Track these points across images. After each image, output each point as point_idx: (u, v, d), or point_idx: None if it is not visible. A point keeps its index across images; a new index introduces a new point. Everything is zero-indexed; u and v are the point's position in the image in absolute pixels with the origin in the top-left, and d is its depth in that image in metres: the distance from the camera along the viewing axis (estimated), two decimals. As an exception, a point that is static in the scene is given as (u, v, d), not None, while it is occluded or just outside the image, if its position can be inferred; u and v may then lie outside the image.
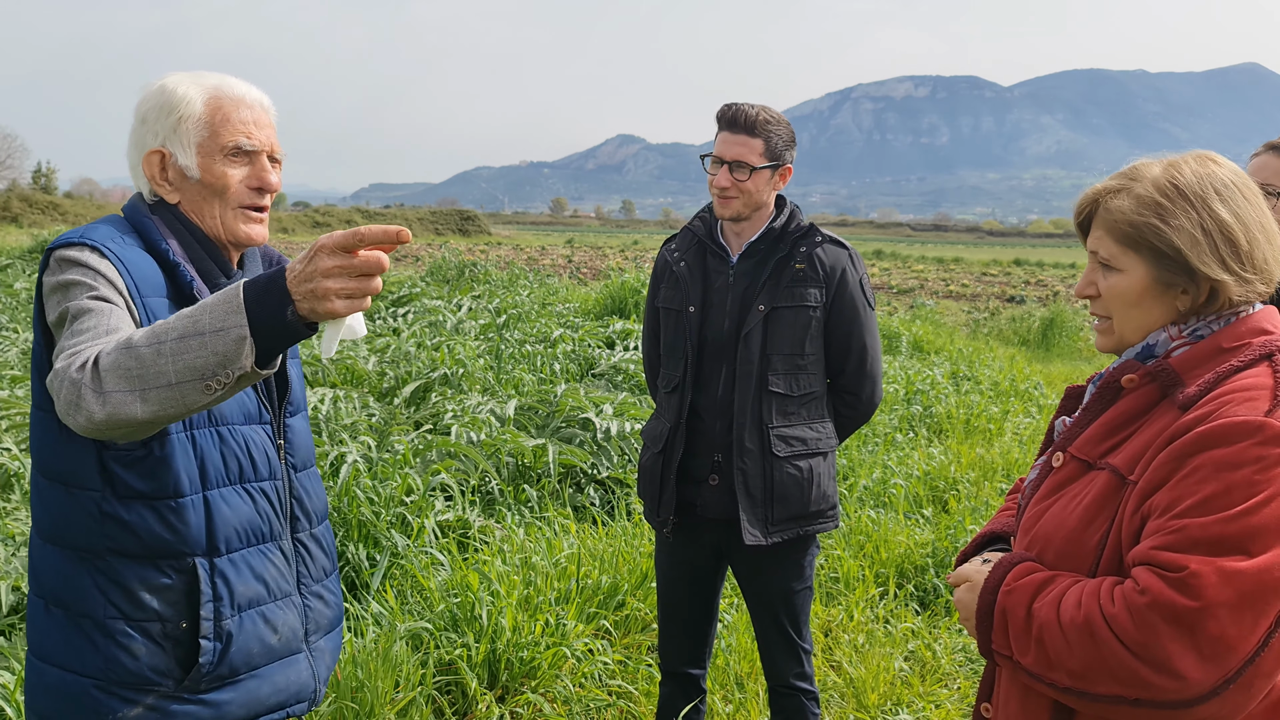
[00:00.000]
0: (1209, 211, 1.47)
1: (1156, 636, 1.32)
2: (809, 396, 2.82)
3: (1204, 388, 1.45)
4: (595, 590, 4.08)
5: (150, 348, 1.43)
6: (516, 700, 3.47)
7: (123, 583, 1.69)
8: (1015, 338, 16.34)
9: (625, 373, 8.07)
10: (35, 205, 48.81)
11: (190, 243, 1.80)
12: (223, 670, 1.75)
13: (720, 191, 2.76)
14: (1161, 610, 1.32)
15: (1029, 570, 1.52)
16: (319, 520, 1.98)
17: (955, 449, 7.30)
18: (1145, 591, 1.34)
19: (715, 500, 2.82)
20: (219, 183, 1.78)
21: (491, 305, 12.30)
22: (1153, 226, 1.48)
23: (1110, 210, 1.52)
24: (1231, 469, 1.35)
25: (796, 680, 2.93)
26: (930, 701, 3.81)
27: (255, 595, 1.79)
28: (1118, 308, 1.55)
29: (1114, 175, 1.57)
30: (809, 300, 2.77)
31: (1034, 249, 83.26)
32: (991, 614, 1.51)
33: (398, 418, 6.37)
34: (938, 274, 36.77)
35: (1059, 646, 1.41)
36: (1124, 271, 1.53)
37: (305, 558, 1.93)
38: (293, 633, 1.87)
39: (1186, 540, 1.34)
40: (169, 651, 1.71)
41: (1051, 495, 1.58)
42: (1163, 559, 1.35)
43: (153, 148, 1.79)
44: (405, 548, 4.21)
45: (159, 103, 1.78)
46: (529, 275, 18.01)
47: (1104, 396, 1.58)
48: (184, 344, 1.42)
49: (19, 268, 16.70)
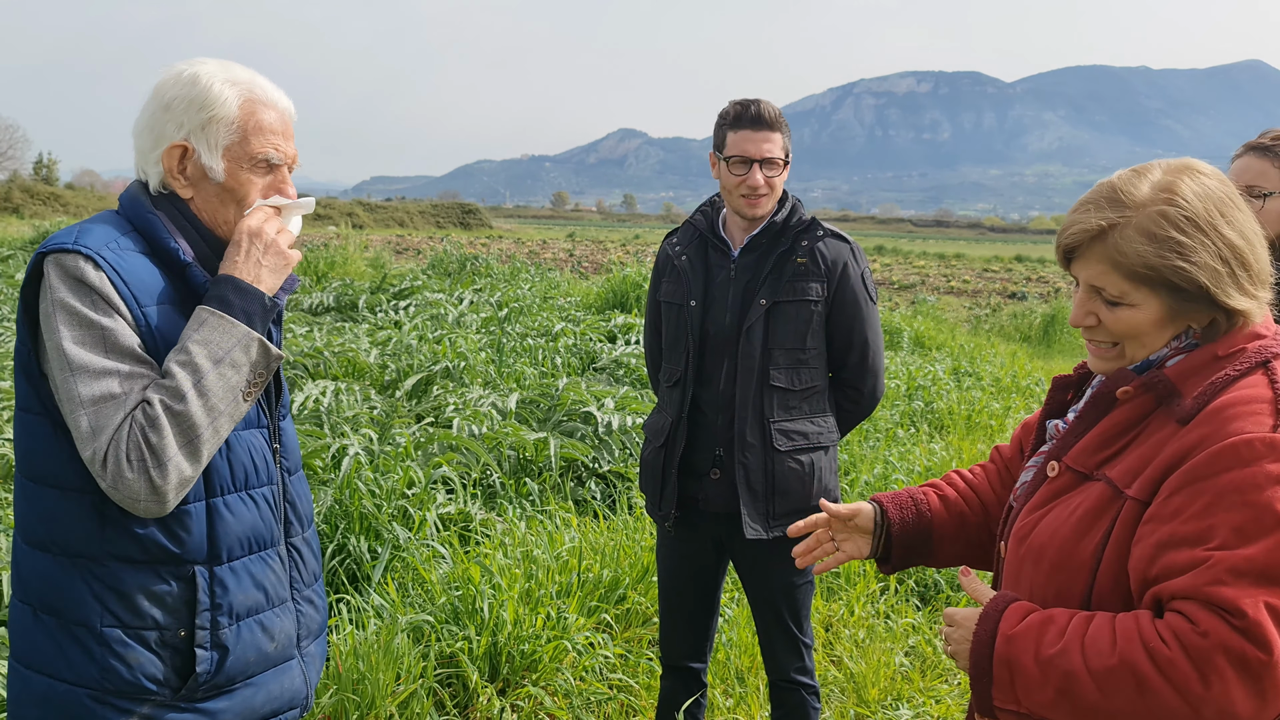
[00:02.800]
0: (1221, 238, 1.42)
1: (1221, 680, 1.29)
2: (811, 391, 2.82)
3: (1201, 401, 1.42)
4: (596, 584, 4.08)
5: (180, 402, 1.57)
6: (518, 693, 3.47)
7: (122, 589, 1.64)
8: (1016, 334, 16.34)
9: (627, 367, 8.08)
10: (37, 196, 48.80)
11: (197, 240, 1.75)
12: (219, 679, 1.72)
13: (752, 191, 2.73)
14: (1230, 655, 1.29)
15: (1025, 611, 1.46)
16: (309, 524, 1.95)
17: (956, 445, 7.30)
18: (1208, 635, 1.30)
19: (717, 494, 2.82)
20: (241, 190, 1.74)
21: (493, 299, 12.30)
22: (1176, 268, 1.42)
23: (1120, 250, 1.44)
24: (1256, 490, 1.33)
25: (797, 675, 2.93)
26: (931, 697, 3.82)
27: (255, 603, 1.76)
28: (1129, 338, 1.51)
29: (1096, 203, 1.48)
30: (810, 294, 2.77)
31: (1035, 245, 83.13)
32: (990, 669, 1.44)
33: (399, 411, 6.37)
34: (939, 270, 36.75)
35: (1091, 697, 1.35)
36: (1138, 307, 1.47)
37: (298, 562, 1.89)
38: (288, 639, 1.84)
39: (1230, 572, 1.31)
40: (166, 660, 1.67)
41: (1045, 505, 1.56)
42: (1213, 596, 1.31)
43: (175, 141, 1.71)
44: (407, 540, 4.21)
45: (190, 94, 1.70)
46: (530, 269, 18.01)
47: (1098, 406, 1.56)
48: (220, 377, 1.59)
49: (20, 259, 16.69)
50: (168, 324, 1.65)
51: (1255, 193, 2.45)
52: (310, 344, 7.90)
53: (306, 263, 15.31)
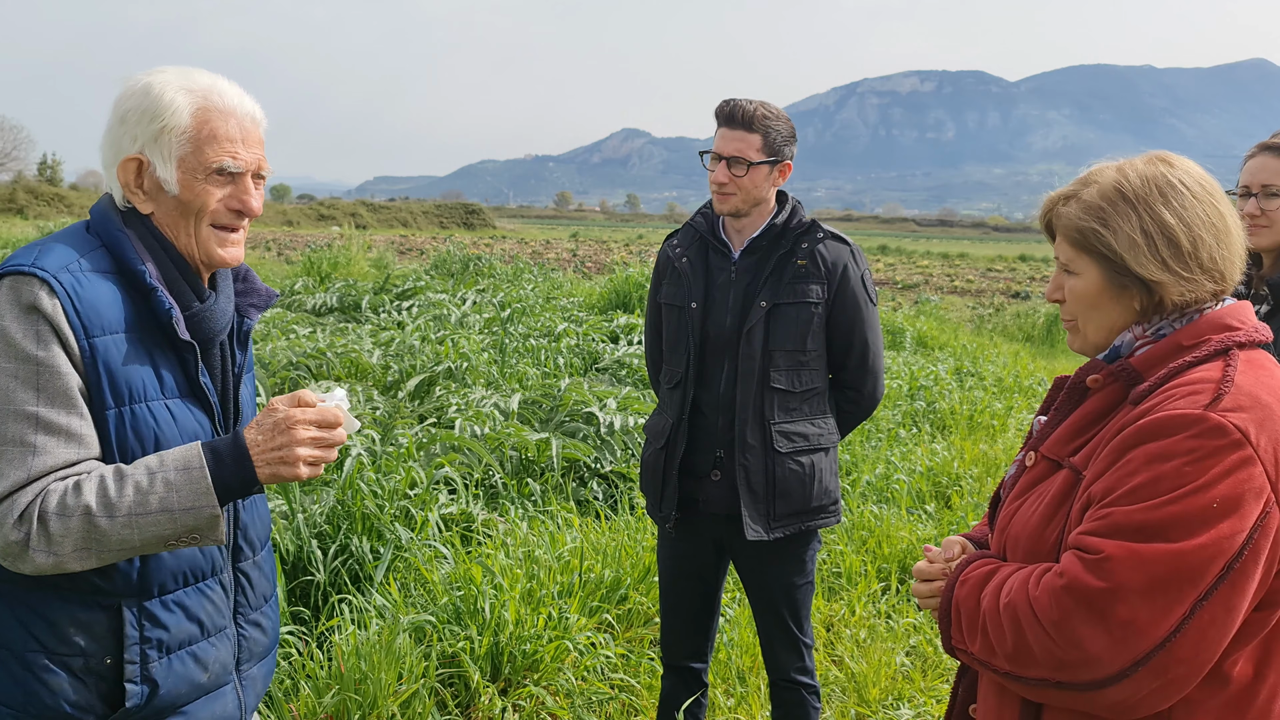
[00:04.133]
0: (1151, 213, 1.49)
1: (1068, 617, 1.36)
2: (811, 392, 2.83)
3: (1155, 383, 1.47)
4: (598, 584, 4.09)
5: (112, 520, 1.48)
6: (519, 693, 3.48)
7: (46, 616, 1.59)
8: (1020, 334, 16.33)
9: (629, 367, 8.09)
10: (41, 197, 48.93)
11: (165, 262, 1.67)
12: (147, 712, 1.66)
13: (718, 187, 2.77)
14: (1075, 592, 1.36)
15: (981, 565, 1.56)
16: (261, 546, 1.87)
17: (958, 445, 7.30)
18: (1063, 574, 1.38)
19: (717, 495, 2.83)
20: (197, 201, 1.66)
21: (496, 299, 12.31)
22: (1094, 231, 1.52)
23: (1061, 215, 1.57)
24: (1163, 460, 1.37)
25: (798, 675, 2.94)
26: (931, 697, 3.82)
27: (188, 636, 1.69)
28: (1080, 309, 1.59)
29: (1073, 181, 1.60)
30: (811, 296, 2.78)
31: (1039, 245, 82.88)
32: (950, 610, 1.55)
33: (402, 411, 6.38)
34: (942, 269, 36.73)
35: (996, 632, 1.45)
36: (1080, 275, 1.56)
37: (245, 586, 1.82)
38: (223, 667, 1.77)
39: (1110, 526, 1.37)
40: (91, 687, 1.61)
41: (1022, 495, 1.61)
42: (1085, 543, 1.39)
43: (130, 154, 1.64)
44: (409, 541, 4.22)
45: (142, 105, 1.63)
46: (533, 269, 18.03)
47: (1072, 397, 1.61)
48: (153, 519, 1.49)
49: (25, 260, 16.71)
50: (115, 355, 1.58)
51: (1271, 191, 2.46)
52: (313, 345, 7.91)
53: (310, 263, 15.34)
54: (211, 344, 1.75)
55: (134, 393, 1.60)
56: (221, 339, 1.77)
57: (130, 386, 1.60)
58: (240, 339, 1.82)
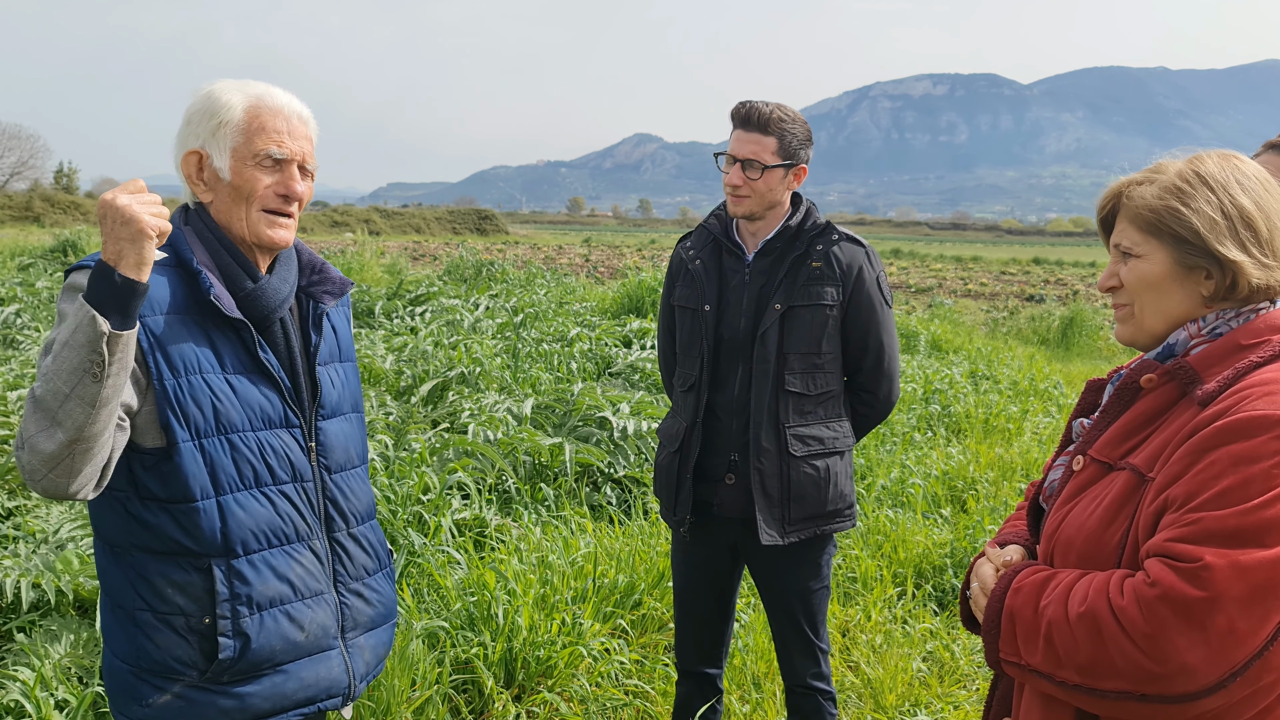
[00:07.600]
0: (1229, 197, 1.49)
1: (1165, 629, 1.31)
2: (826, 395, 2.81)
3: (1223, 384, 1.44)
4: (612, 589, 4.07)
5: (40, 384, 1.58)
6: (533, 699, 3.47)
7: (148, 578, 1.79)
8: (1034, 337, 16.25)
9: (642, 371, 8.07)
10: (57, 205, 49.28)
11: (217, 248, 1.87)
12: (243, 665, 1.82)
13: (733, 190, 2.75)
14: (1171, 602, 1.31)
15: (1035, 570, 1.52)
16: (360, 520, 2.03)
17: (974, 448, 7.25)
18: (1156, 584, 1.33)
19: (732, 499, 2.81)
20: (246, 186, 1.85)
21: (509, 304, 12.32)
22: (1173, 210, 1.49)
23: (1133, 199, 1.55)
24: (1250, 462, 1.33)
25: (813, 680, 2.91)
26: (949, 703, 3.79)
27: (278, 595, 1.85)
28: (1140, 292, 1.56)
29: (1140, 172, 1.59)
30: (825, 299, 2.76)
31: (1053, 247, 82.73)
32: (999, 621, 1.50)
33: (415, 416, 6.38)
34: (956, 273, 36.60)
35: (1066, 642, 1.39)
36: (1145, 258, 1.54)
37: (343, 556, 1.98)
38: (322, 630, 1.92)
39: (1202, 532, 1.33)
40: (193, 644, 1.79)
41: (1072, 499, 1.57)
42: (1177, 550, 1.34)
43: (192, 148, 1.87)
44: (422, 546, 4.22)
45: (203, 107, 1.86)
46: (546, 274, 18.04)
47: (1122, 397, 1.57)
48: (59, 359, 1.56)
49: (41, 266, 16.83)
50: (166, 332, 1.76)
51: None
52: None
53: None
54: (269, 322, 1.90)
55: (188, 365, 1.77)
56: (281, 317, 1.92)
57: (184, 360, 1.77)
58: (315, 322, 1.98)
